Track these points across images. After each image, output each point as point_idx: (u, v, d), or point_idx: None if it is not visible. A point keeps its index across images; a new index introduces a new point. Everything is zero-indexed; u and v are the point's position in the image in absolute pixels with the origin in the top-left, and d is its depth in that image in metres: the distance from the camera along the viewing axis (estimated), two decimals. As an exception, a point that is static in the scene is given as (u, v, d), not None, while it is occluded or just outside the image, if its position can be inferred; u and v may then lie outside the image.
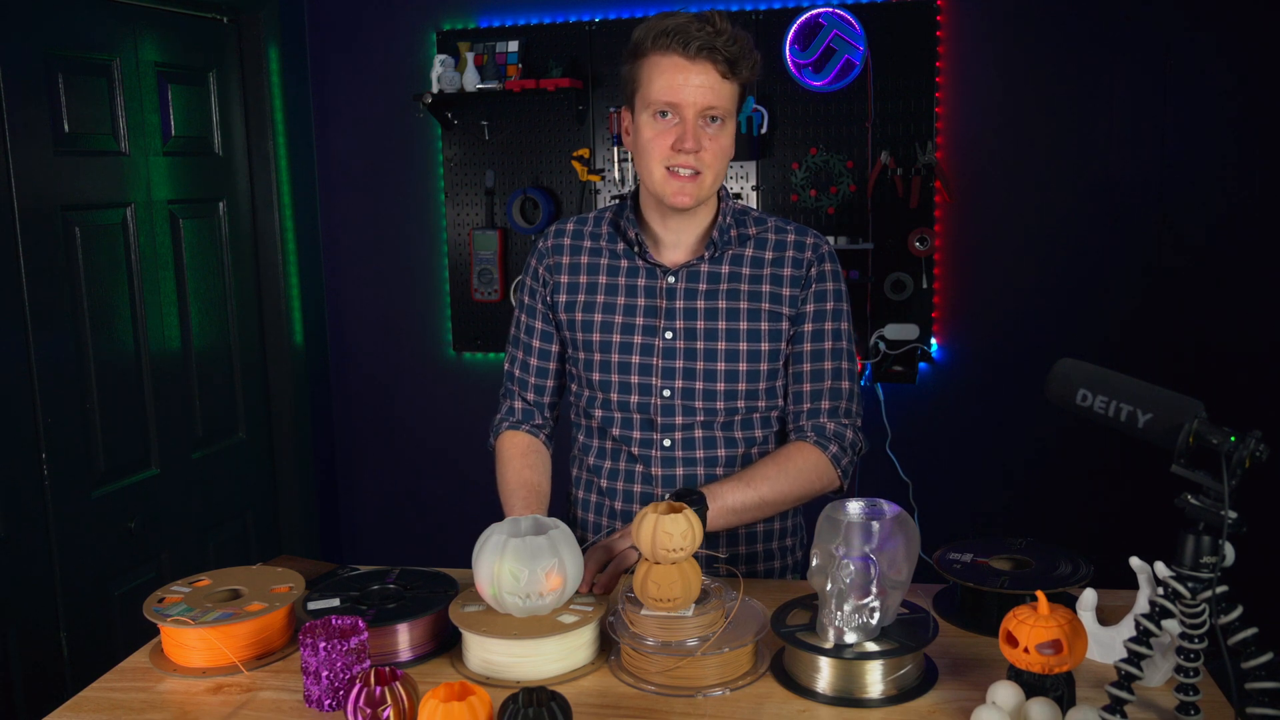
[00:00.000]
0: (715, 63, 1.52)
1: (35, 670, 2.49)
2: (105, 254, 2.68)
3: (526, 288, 1.78)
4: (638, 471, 1.71)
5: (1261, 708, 1.09)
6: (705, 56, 1.51)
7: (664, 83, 1.53)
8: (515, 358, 1.81)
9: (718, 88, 1.53)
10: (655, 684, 1.32)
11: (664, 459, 1.69)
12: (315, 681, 1.29)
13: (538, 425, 1.80)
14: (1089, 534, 3.05)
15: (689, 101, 1.53)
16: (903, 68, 3.03)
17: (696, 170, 1.56)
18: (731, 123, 1.58)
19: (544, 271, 1.75)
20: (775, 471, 1.62)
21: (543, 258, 1.76)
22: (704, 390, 1.66)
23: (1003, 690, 1.19)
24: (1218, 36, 2.88)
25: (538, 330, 1.77)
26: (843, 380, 1.68)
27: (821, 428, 1.66)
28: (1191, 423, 1.09)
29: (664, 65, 1.53)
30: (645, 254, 1.68)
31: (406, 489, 3.65)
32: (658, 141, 1.56)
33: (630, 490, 1.72)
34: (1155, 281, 3.01)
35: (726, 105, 1.55)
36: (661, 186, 1.58)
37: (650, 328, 1.67)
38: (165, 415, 2.89)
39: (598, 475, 1.76)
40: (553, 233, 1.77)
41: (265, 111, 3.24)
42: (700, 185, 1.57)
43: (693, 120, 1.54)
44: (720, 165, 1.58)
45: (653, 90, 1.54)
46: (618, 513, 1.74)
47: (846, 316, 1.70)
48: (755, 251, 1.68)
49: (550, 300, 1.75)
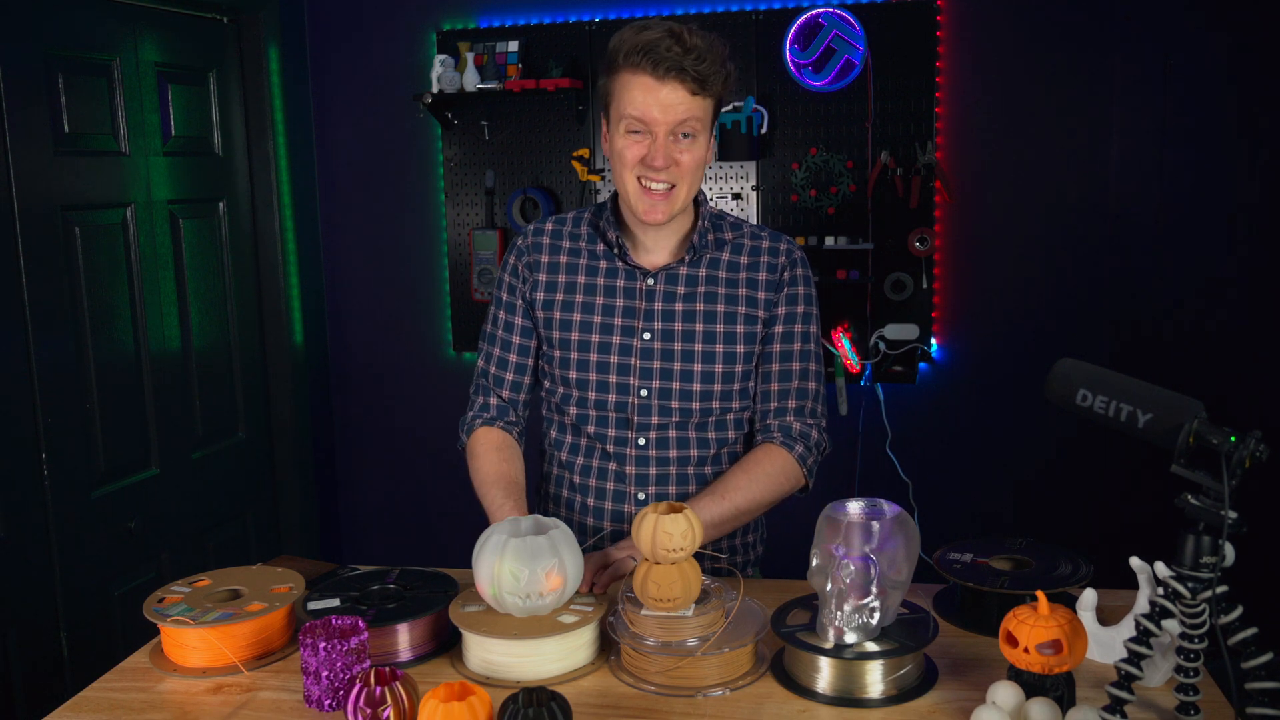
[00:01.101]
0: (684, 81, 1.53)
1: (35, 670, 2.49)
2: (105, 254, 2.68)
3: (505, 284, 1.79)
4: (611, 469, 1.73)
5: (1261, 708, 1.09)
6: (674, 76, 1.53)
7: (634, 101, 1.55)
8: (491, 354, 1.80)
9: (687, 104, 1.55)
10: (655, 684, 1.32)
11: (638, 458, 1.71)
12: (315, 681, 1.29)
13: (511, 422, 1.80)
14: (1089, 534, 3.06)
15: (658, 120, 1.55)
16: (903, 68, 3.03)
17: (670, 184, 1.59)
18: (704, 135, 1.60)
19: (524, 269, 1.76)
20: (746, 480, 1.66)
21: (522, 255, 1.77)
22: (680, 390, 1.69)
23: (1003, 690, 1.19)
24: (1218, 36, 2.88)
25: (517, 326, 1.78)
26: (809, 381, 1.72)
27: (788, 427, 1.70)
28: (1191, 423, 1.09)
29: (634, 84, 1.55)
30: (625, 256, 1.71)
31: (406, 489, 3.65)
32: (629, 153, 1.59)
33: (603, 488, 1.74)
34: (1154, 280, 3.01)
35: (698, 120, 1.57)
36: (635, 202, 1.62)
37: (629, 328, 1.69)
38: (165, 415, 2.89)
39: (570, 471, 1.77)
40: (532, 231, 1.78)
41: (265, 111, 3.24)
42: (673, 201, 1.61)
43: (663, 137, 1.56)
44: (693, 178, 1.61)
45: (624, 107, 1.57)
46: (590, 509, 1.75)
47: (815, 320, 1.74)
48: (731, 256, 1.72)
49: (529, 297, 1.76)
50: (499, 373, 1.79)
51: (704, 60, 1.53)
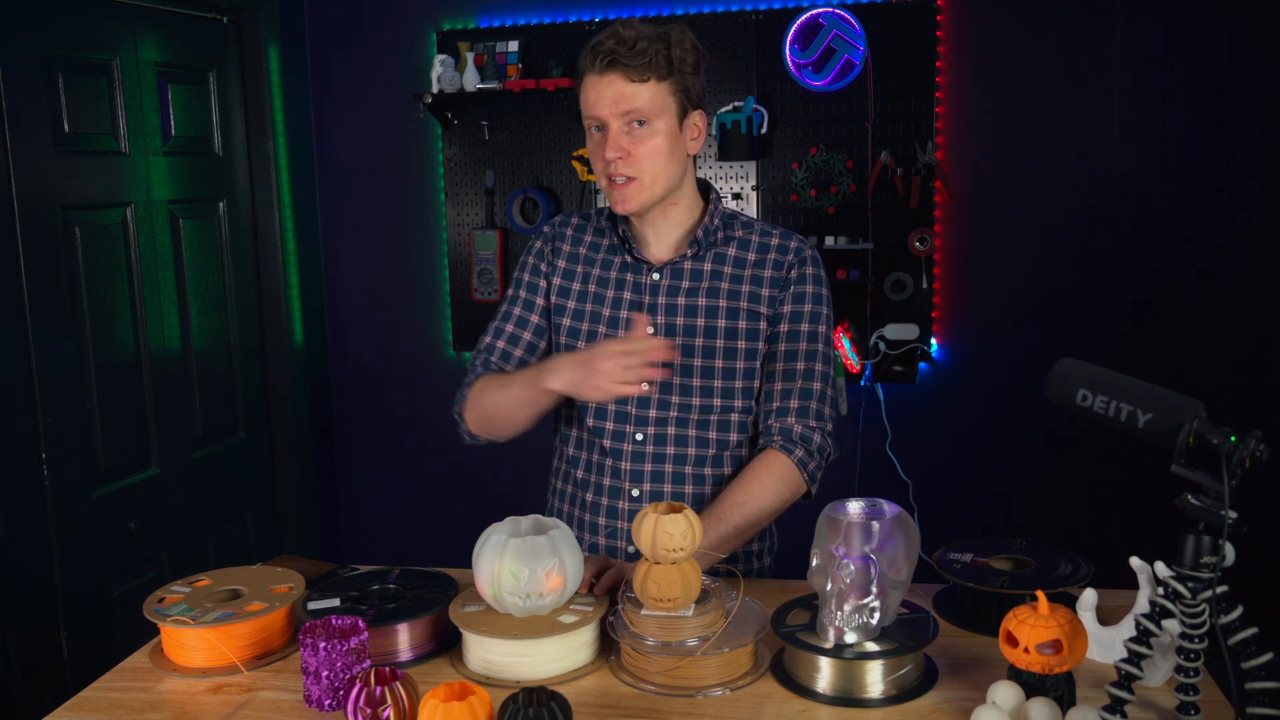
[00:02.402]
0: (622, 71, 1.58)
1: (35, 670, 2.49)
2: (105, 254, 2.68)
3: (529, 267, 1.82)
4: (608, 465, 1.73)
5: (1261, 708, 1.09)
6: (611, 69, 1.59)
7: (587, 100, 1.63)
8: (503, 330, 1.79)
9: (631, 92, 1.59)
10: (655, 684, 1.32)
11: (634, 453, 1.71)
12: (315, 681, 1.29)
13: None
14: (1089, 534, 3.05)
15: (605, 114, 1.61)
16: (903, 68, 3.03)
17: (630, 176, 1.62)
18: (664, 122, 1.61)
19: (550, 253, 1.81)
20: (744, 497, 1.64)
21: (548, 241, 1.82)
22: (681, 385, 1.69)
23: (1003, 690, 1.19)
24: (1218, 36, 2.88)
25: (538, 306, 1.80)
26: (814, 381, 1.68)
27: (788, 430, 1.66)
28: (1191, 423, 1.09)
29: (586, 84, 1.63)
30: (632, 249, 1.73)
31: (406, 489, 3.65)
32: (594, 155, 1.66)
33: (600, 483, 1.75)
34: (1155, 281, 3.01)
35: (646, 107, 1.60)
36: (608, 195, 1.67)
37: (632, 321, 1.70)
38: (165, 415, 2.89)
39: (574, 466, 1.79)
40: (558, 222, 1.83)
41: (265, 111, 3.24)
42: (638, 189, 1.63)
43: (615, 129, 1.61)
44: (655, 165, 1.62)
45: (583, 108, 1.64)
46: (588, 504, 1.76)
47: (825, 320, 1.71)
48: (738, 252, 1.72)
49: (548, 282, 1.80)
50: (507, 347, 1.78)
51: (636, 47, 1.57)
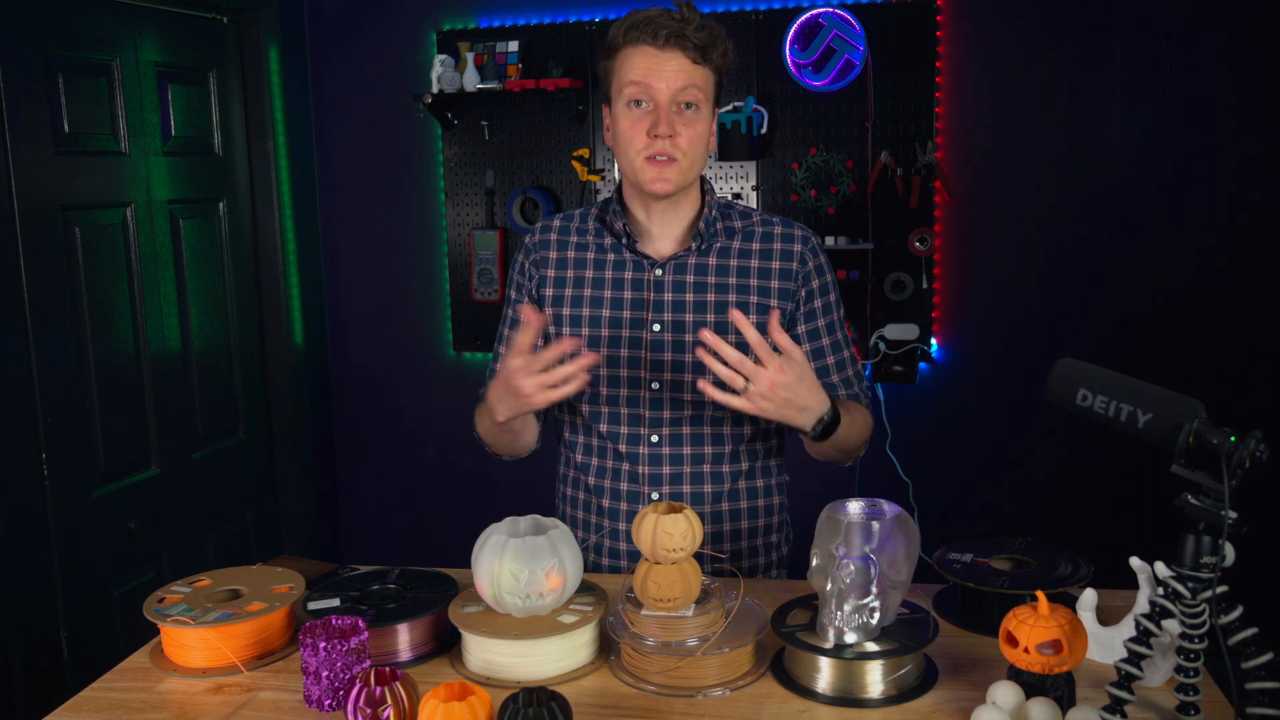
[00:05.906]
0: (685, 49, 1.55)
1: (35, 670, 2.49)
2: (105, 254, 2.68)
3: (515, 283, 1.79)
4: (624, 470, 1.71)
5: (1261, 708, 1.09)
6: (675, 44, 1.55)
7: (637, 68, 1.56)
8: (500, 354, 1.80)
9: (690, 72, 1.56)
10: (655, 684, 1.32)
11: (650, 456, 1.69)
12: (315, 681, 1.29)
13: None
14: (1089, 534, 3.06)
15: (661, 86, 1.56)
16: (903, 68, 3.03)
17: (672, 157, 1.58)
18: (707, 110, 1.60)
19: (530, 267, 1.76)
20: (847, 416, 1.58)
21: (529, 253, 1.77)
22: (692, 383, 1.66)
23: (1003, 690, 1.19)
24: (1218, 36, 2.88)
25: None
26: (847, 369, 1.74)
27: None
28: (1191, 423, 1.09)
29: (636, 55, 1.57)
30: (633, 246, 1.69)
31: (406, 489, 3.65)
32: (634, 130, 1.58)
33: (617, 488, 1.72)
34: (1155, 281, 3.01)
35: (700, 90, 1.58)
36: (640, 174, 1.60)
37: (638, 320, 1.68)
38: (165, 415, 2.89)
39: (585, 473, 1.76)
40: (539, 228, 1.78)
41: (265, 111, 3.24)
42: (679, 171, 1.59)
43: (666, 106, 1.56)
44: (696, 152, 1.60)
45: (626, 76, 1.58)
46: (605, 510, 1.74)
47: (840, 305, 1.76)
48: (743, 244, 1.70)
49: (536, 294, 1.75)
50: None
51: (704, 29, 1.56)
